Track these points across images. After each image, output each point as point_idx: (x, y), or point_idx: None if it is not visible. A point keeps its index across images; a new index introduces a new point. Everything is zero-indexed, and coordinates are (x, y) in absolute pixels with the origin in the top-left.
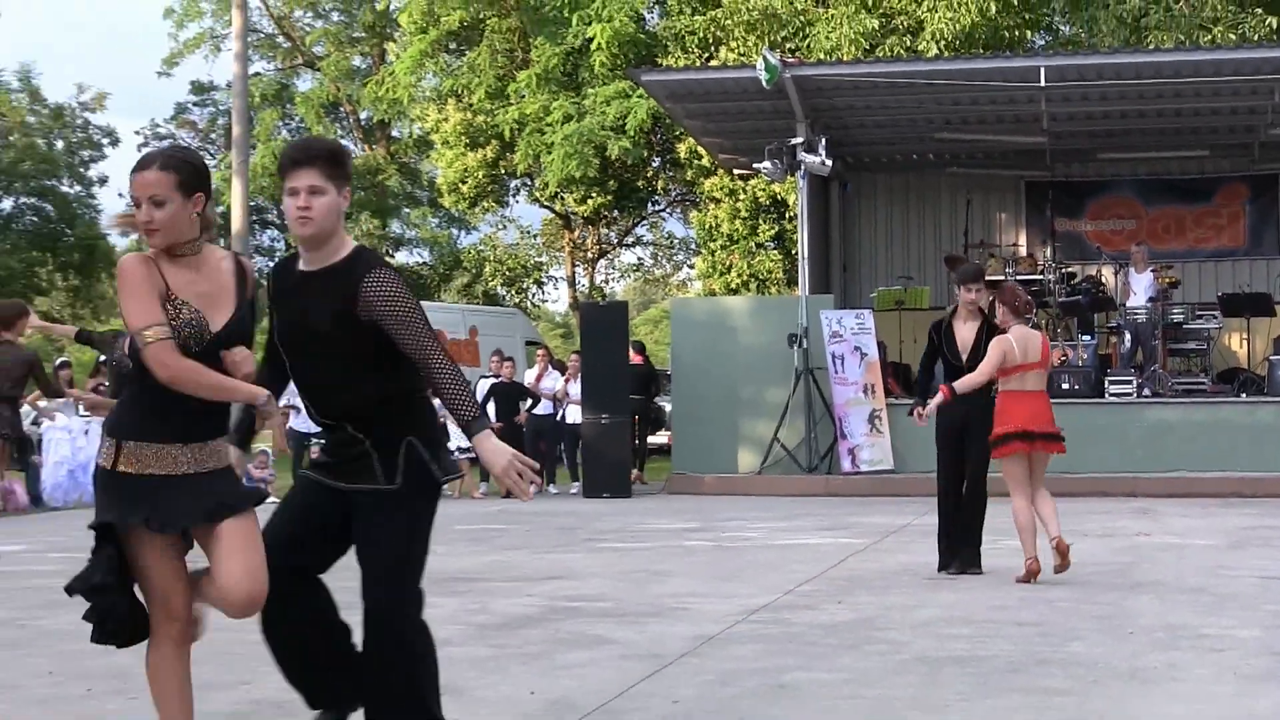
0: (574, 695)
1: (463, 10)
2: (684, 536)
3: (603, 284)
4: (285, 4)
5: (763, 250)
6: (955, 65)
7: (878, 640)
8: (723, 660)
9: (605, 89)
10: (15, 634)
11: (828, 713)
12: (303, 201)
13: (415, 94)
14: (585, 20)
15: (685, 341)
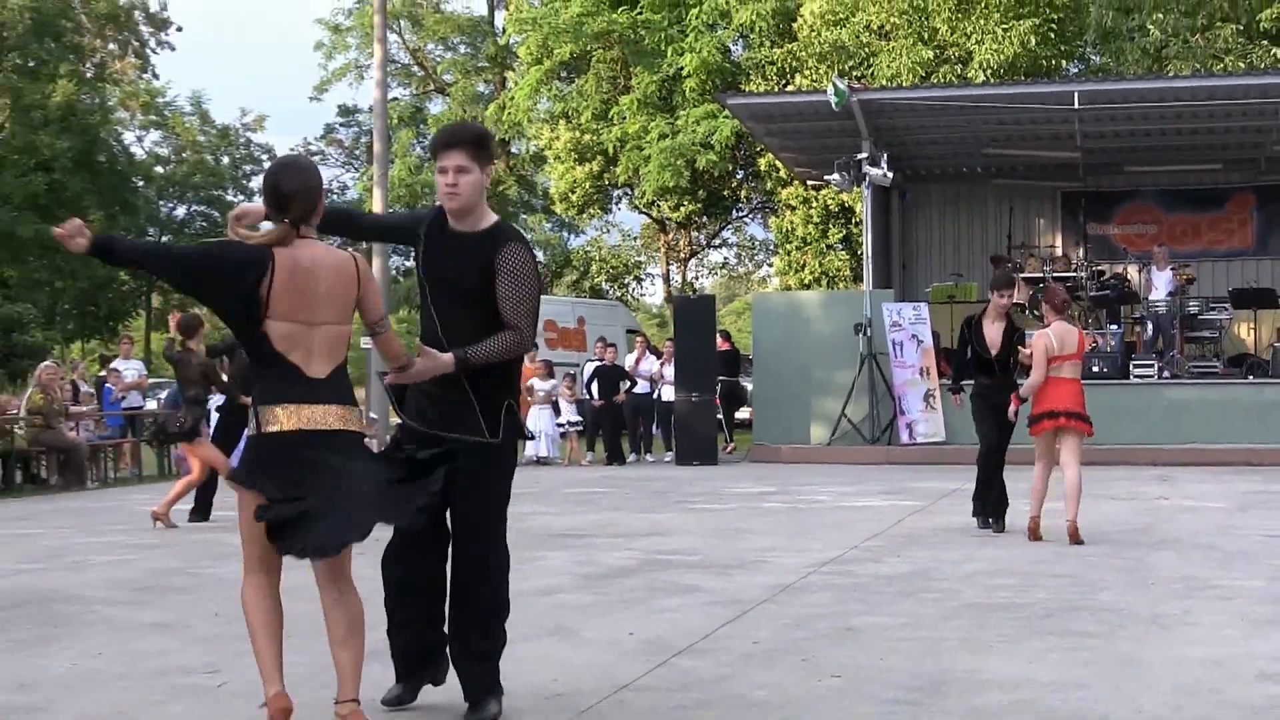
0: (667, 636)
1: (572, 44)
2: (763, 499)
3: (693, 280)
4: (419, 38)
5: (832, 251)
6: (1000, 90)
7: (932, 589)
8: (797, 606)
9: (695, 110)
10: (187, 581)
11: (888, 652)
12: (450, 179)
13: (531, 116)
14: (678, 52)
15: (765, 330)
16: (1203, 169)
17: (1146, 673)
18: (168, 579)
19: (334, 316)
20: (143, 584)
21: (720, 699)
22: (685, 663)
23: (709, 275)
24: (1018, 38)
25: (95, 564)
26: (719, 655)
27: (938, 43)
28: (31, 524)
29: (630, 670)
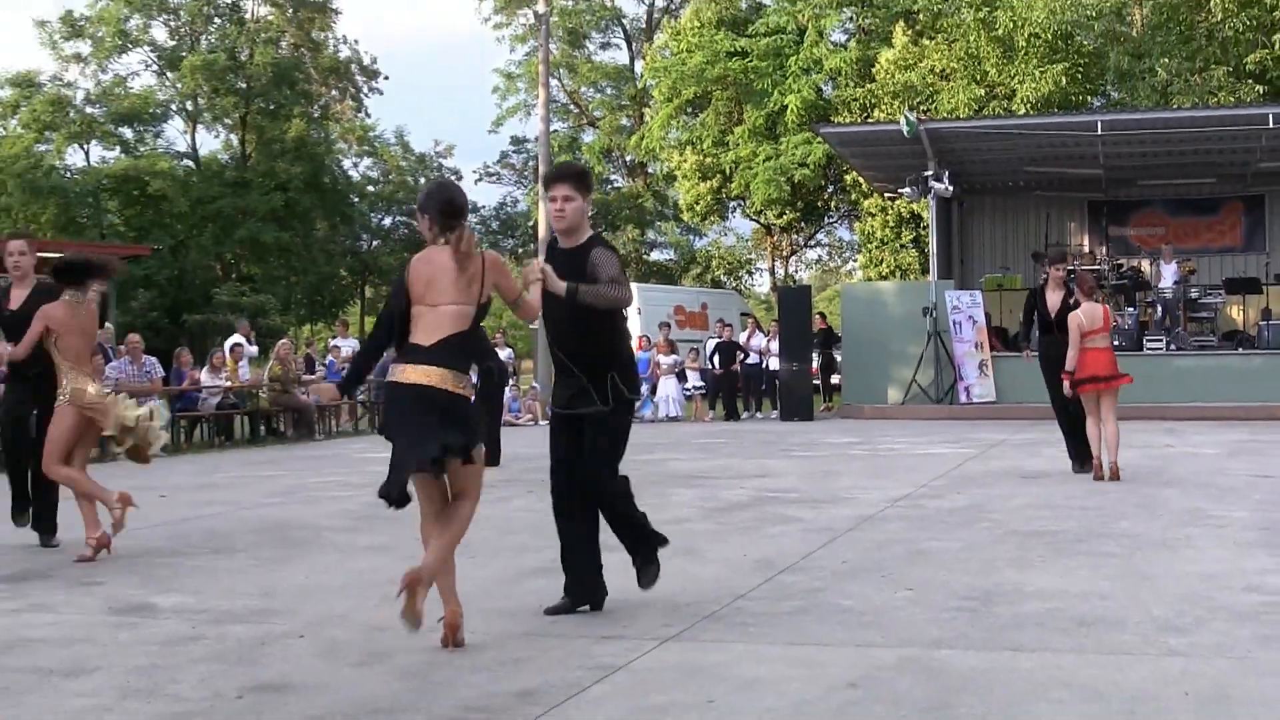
0: (773, 556)
1: (696, 87)
2: (850, 448)
3: (793, 273)
4: (575, 83)
5: (904, 249)
6: (1037, 120)
7: (984, 520)
8: (876, 533)
9: (795, 138)
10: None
11: (950, 570)
12: (559, 205)
13: (663, 143)
14: (781, 92)
15: (851, 313)
16: (1201, 182)
17: (1156, 585)
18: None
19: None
20: (360, 514)
21: (816, 606)
22: (788, 578)
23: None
24: (1052, 78)
25: (323, 499)
26: (815, 572)
27: (987, 83)
28: (273, 468)
29: (745, 583)
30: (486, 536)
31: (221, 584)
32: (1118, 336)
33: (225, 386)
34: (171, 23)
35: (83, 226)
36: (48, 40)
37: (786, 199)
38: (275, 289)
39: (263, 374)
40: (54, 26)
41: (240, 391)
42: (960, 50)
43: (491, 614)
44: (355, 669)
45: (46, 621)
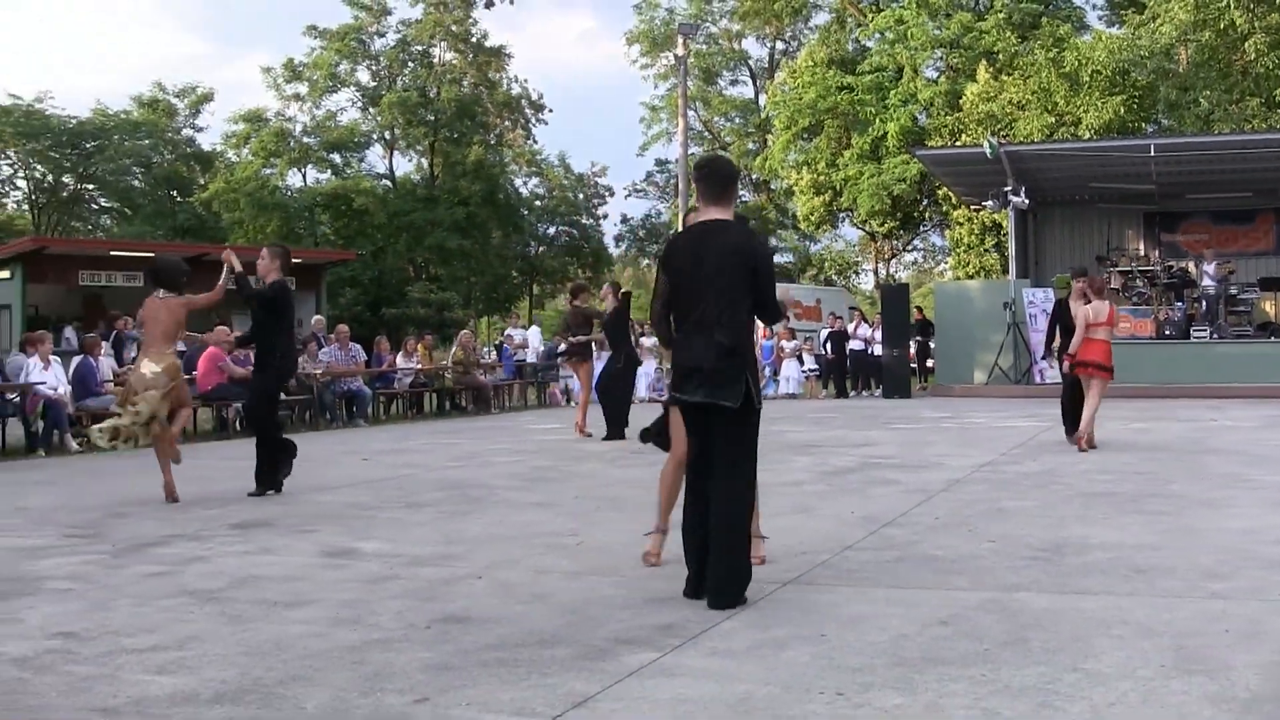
0: (876, 513)
1: (810, 117)
2: (941, 421)
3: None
4: (708, 113)
5: (987, 253)
6: (1100, 144)
7: (1055, 483)
8: (963, 494)
9: (894, 159)
10: (557, 474)
11: (1025, 524)
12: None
13: (783, 164)
14: (883, 120)
15: (943, 307)
16: (1239, 196)
17: (1201, 538)
18: (544, 473)
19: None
20: (528, 476)
21: (913, 556)
22: (889, 531)
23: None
24: (1112, 108)
25: (496, 463)
26: (912, 526)
27: (1057, 112)
28: (455, 437)
29: (852, 536)
30: (635, 494)
31: (412, 533)
32: (1169, 327)
33: (416, 369)
34: (373, 67)
35: (300, 236)
36: (272, 83)
37: (888, 210)
38: (458, 287)
39: (447, 359)
40: (277, 72)
41: (429, 373)
42: (1034, 85)
43: (638, 560)
44: (523, 605)
45: (270, 562)
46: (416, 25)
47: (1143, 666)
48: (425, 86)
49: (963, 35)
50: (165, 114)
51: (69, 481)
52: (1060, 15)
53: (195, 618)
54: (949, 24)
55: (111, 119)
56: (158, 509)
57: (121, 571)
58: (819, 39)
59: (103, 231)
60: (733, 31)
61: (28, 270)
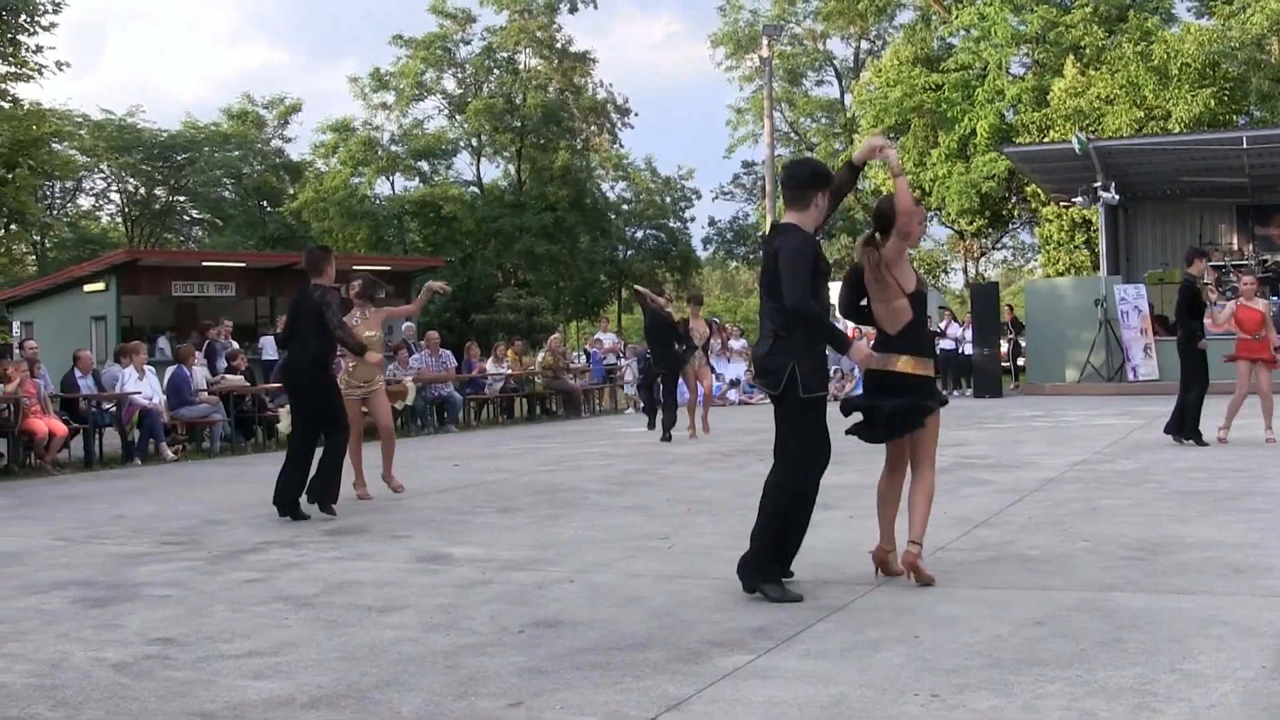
0: (969, 513)
1: (897, 116)
2: (1033, 420)
3: (982, 271)
4: (794, 114)
5: (1077, 249)
6: (1190, 137)
7: (1150, 481)
8: (1056, 493)
9: (983, 157)
10: (648, 478)
11: (1121, 524)
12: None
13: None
14: (970, 118)
15: (1034, 305)
16: None
17: None
18: (636, 476)
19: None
20: (619, 480)
21: (1006, 556)
22: (981, 532)
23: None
24: (1202, 101)
25: (588, 466)
26: (1004, 526)
27: (1146, 106)
28: (546, 441)
29: (945, 536)
30: (725, 497)
31: (504, 538)
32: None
33: (507, 374)
34: (459, 74)
35: (389, 244)
36: (359, 92)
37: (976, 208)
38: (547, 292)
39: (536, 363)
40: (364, 81)
41: (519, 377)
42: (1122, 79)
43: (730, 563)
44: (616, 608)
45: (364, 567)
46: (501, 32)
47: (1242, 668)
48: (511, 93)
49: (1047, 30)
50: (254, 125)
51: (165, 490)
52: (1148, 7)
53: (290, 623)
54: (1032, 19)
55: (201, 131)
56: (253, 516)
57: (218, 578)
58: (903, 37)
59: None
60: (817, 32)
61: (122, 282)
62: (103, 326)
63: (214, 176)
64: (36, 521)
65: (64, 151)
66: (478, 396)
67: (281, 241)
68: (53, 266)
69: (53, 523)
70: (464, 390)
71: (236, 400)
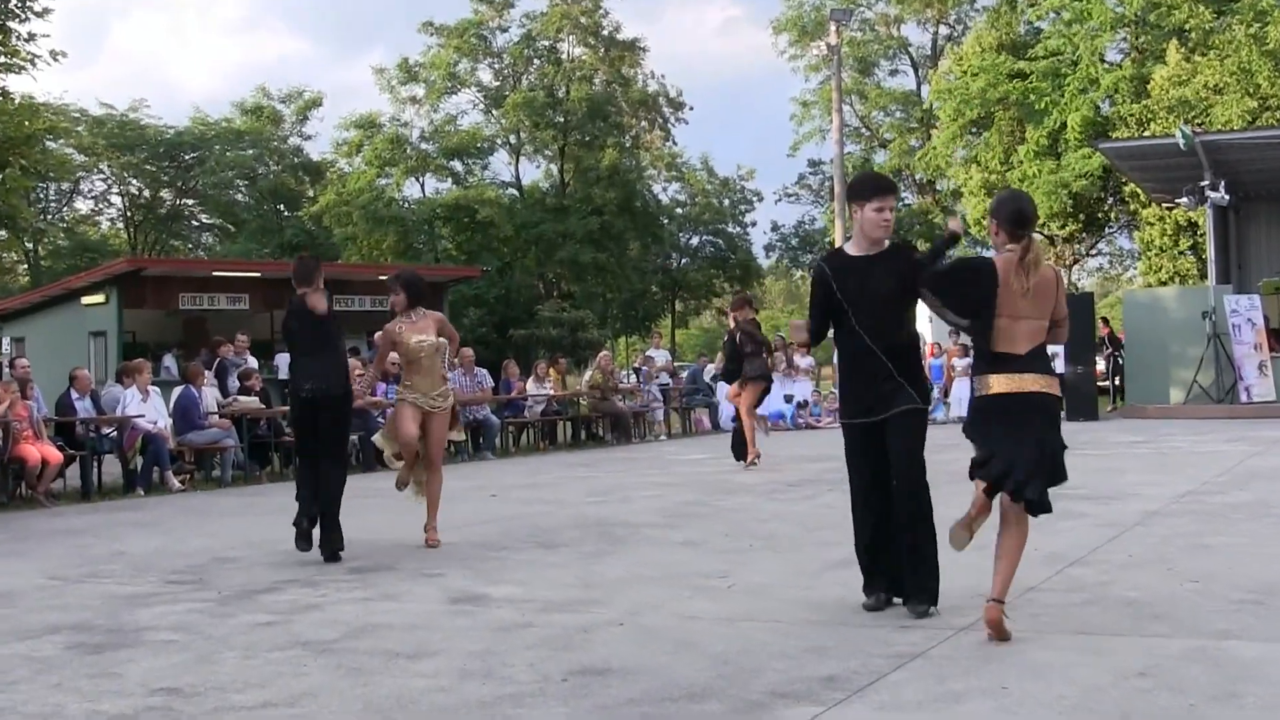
0: (1062, 550)
1: (980, 108)
2: (1134, 446)
3: (1075, 281)
4: (865, 108)
5: (1182, 256)
6: None
7: (1269, 514)
8: (1162, 528)
9: (1075, 153)
10: (705, 510)
11: (1233, 563)
12: (887, 216)
13: (949, 161)
14: (1061, 110)
15: (1133, 318)
16: None
17: None
18: (691, 508)
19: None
20: (673, 512)
21: (1103, 598)
22: (1076, 571)
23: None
24: None
25: (638, 498)
26: (1102, 565)
27: (1260, 95)
28: (593, 469)
29: (1035, 576)
30: (791, 531)
31: (547, 576)
32: None
33: (549, 395)
34: (496, 65)
35: (419, 251)
36: (385, 85)
37: (1068, 211)
38: (593, 305)
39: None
40: (391, 73)
41: (563, 399)
42: (1233, 65)
43: (795, 604)
44: (670, 654)
45: (392, 609)
46: (542, 18)
47: None
48: (553, 85)
49: (1148, 12)
50: (270, 121)
51: (171, 523)
52: None
53: (309, 671)
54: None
55: (212, 128)
56: (267, 553)
57: (229, 621)
58: (987, 21)
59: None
60: (890, 16)
61: (124, 294)
62: (102, 343)
63: (225, 178)
64: (28, 558)
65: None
66: (517, 420)
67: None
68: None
69: (46, 560)
70: (501, 413)
71: (250, 424)
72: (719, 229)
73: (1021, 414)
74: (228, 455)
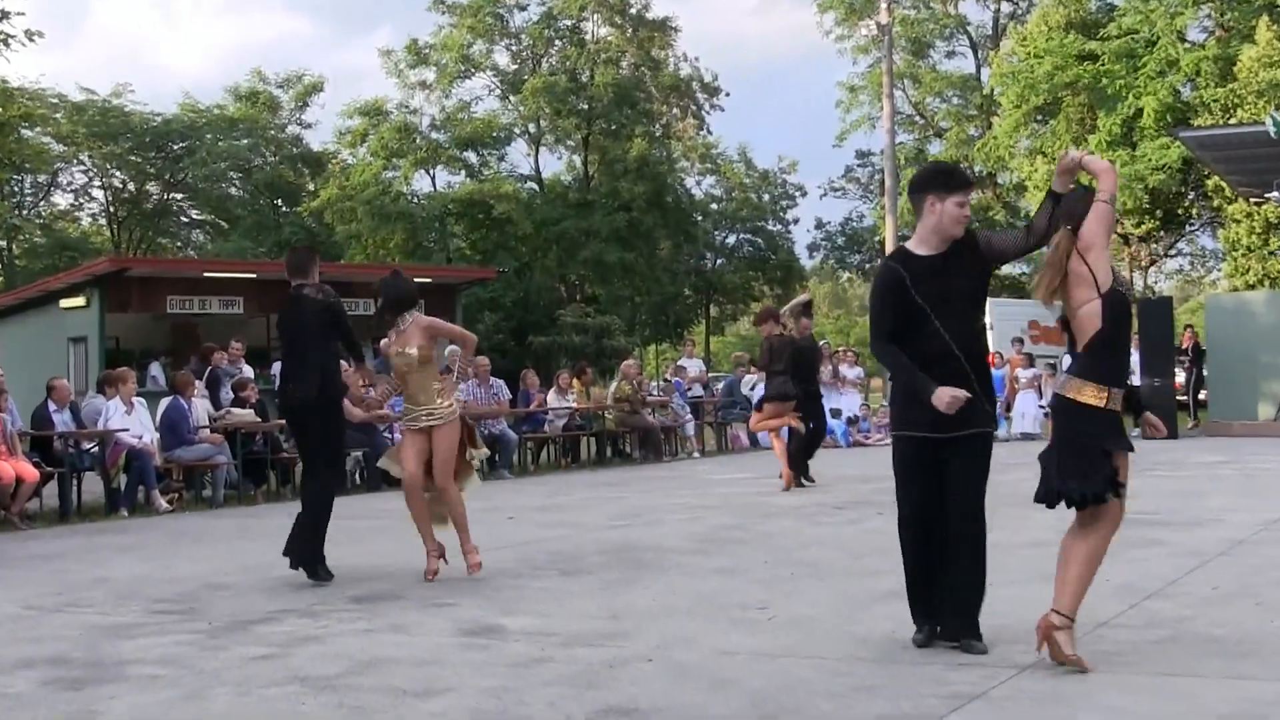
0: (1137, 581)
1: (1046, 93)
2: (1217, 467)
3: (1153, 284)
4: (919, 93)
5: (1273, 256)
6: None
7: None
8: (1250, 557)
9: (1152, 143)
10: (742, 534)
11: None
12: (968, 213)
13: (1012, 151)
14: (1136, 95)
15: (1217, 325)
16: None
17: None
18: (727, 533)
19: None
20: (707, 537)
21: (1185, 635)
22: (1154, 604)
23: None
24: None
25: (669, 521)
26: (1182, 598)
27: None
28: (619, 489)
29: (1107, 609)
30: (836, 558)
31: (568, 606)
32: None
33: (571, 408)
34: (513, 47)
35: (429, 251)
36: (393, 69)
37: (1144, 207)
38: (620, 309)
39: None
40: (399, 55)
41: (587, 412)
42: None
43: (841, 638)
44: (704, 693)
45: (399, 642)
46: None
47: None
48: (576, 69)
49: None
50: (267, 108)
51: (157, 547)
52: None
53: (308, 709)
54: None
55: (203, 115)
56: (263, 579)
57: (220, 654)
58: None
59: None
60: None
61: (107, 296)
62: (82, 350)
63: (218, 170)
64: (0, 585)
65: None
66: (536, 435)
67: None
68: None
69: (20, 587)
70: (520, 428)
71: (245, 439)
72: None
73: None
74: (220, 473)
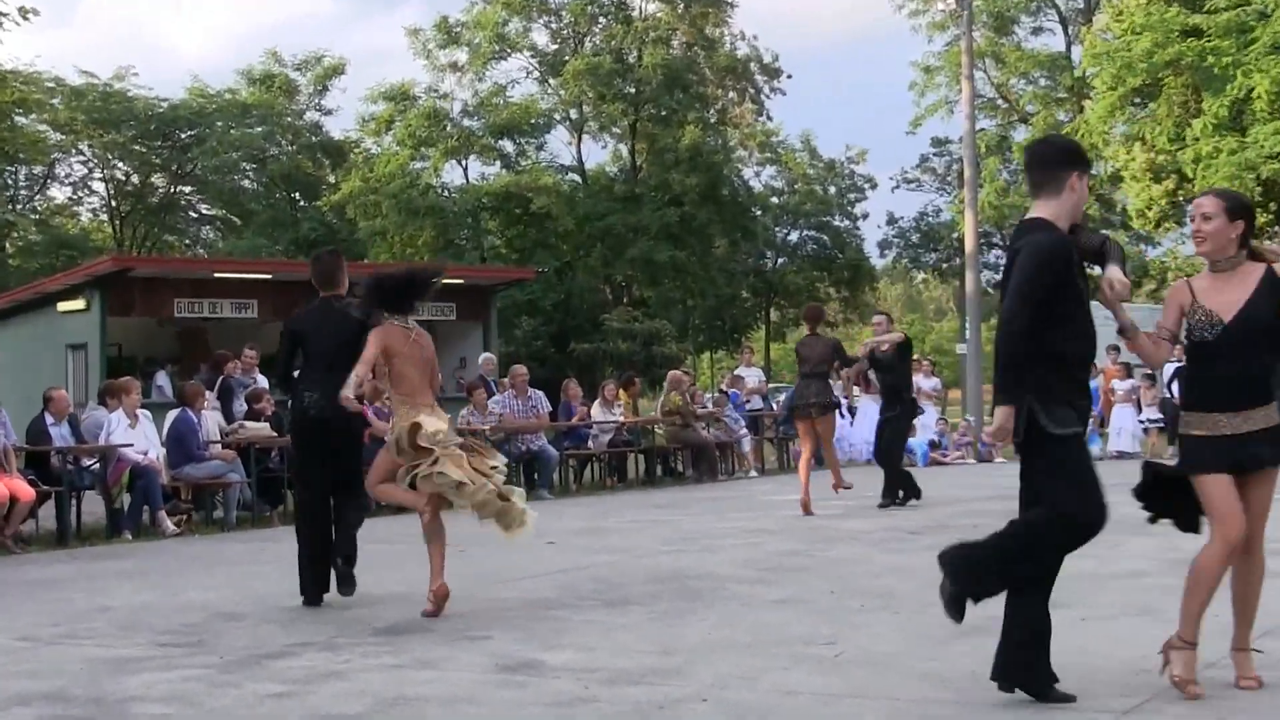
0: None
1: (1144, 74)
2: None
3: None
4: (1002, 74)
5: None
6: None
7: None
8: None
9: (1265, 127)
10: (806, 561)
11: None
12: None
13: (1107, 139)
14: (1246, 74)
15: None
16: None
17: None
18: (789, 559)
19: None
20: (767, 564)
21: None
22: (1270, 642)
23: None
24: None
25: (725, 546)
26: None
27: None
28: (670, 511)
29: (1216, 649)
30: (911, 589)
31: (615, 639)
32: None
33: (618, 422)
34: (553, 25)
35: (462, 249)
36: (421, 50)
37: (1257, 201)
38: (670, 313)
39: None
40: (427, 35)
41: (635, 427)
42: None
43: (917, 677)
44: None
45: (428, 678)
46: None
47: None
48: (622, 49)
49: None
50: (283, 93)
51: (164, 573)
52: None
53: None
54: None
55: (213, 101)
56: (279, 609)
57: (232, 691)
58: None
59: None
60: None
61: (108, 299)
62: (82, 357)
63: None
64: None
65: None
66: (579, 452)
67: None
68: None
69: (15, 616)
70: (561, 443)
71: (259, 456)
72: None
73: None
74: (232, 492)
